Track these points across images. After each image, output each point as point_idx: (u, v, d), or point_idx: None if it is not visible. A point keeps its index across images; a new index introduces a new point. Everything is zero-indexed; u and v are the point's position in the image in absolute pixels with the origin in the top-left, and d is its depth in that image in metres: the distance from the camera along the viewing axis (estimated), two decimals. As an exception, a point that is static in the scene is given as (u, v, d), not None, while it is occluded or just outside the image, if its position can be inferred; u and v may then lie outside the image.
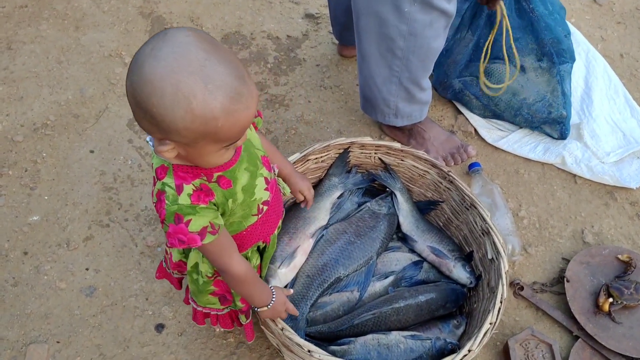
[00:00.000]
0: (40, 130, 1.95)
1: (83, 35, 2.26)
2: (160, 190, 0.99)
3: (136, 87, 0.84)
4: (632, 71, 2.41)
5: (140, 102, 0.85)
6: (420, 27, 1.61)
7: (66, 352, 1.53)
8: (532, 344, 1.59)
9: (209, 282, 1.23)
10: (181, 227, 0.97)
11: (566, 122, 2.02)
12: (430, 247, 1.63)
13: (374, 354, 1.41)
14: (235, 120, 0.87)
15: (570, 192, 2.00)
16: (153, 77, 0.82)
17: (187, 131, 0.86)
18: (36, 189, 1.82)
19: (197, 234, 0.98)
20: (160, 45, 0.83)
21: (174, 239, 0.98)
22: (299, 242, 1.53)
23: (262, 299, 1.21)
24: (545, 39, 1.94)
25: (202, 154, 0.93)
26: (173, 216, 0.97)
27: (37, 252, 1.69)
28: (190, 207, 0.97)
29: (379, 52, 1.72)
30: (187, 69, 0.82)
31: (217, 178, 1.03)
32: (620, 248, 1.82)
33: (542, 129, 2.07)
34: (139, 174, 1.88)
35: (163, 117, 0.84)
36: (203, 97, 0.83)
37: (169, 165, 0.99)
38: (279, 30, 2.40)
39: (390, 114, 1.90)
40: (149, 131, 0.91)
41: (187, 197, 0.98)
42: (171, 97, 0.82)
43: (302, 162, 1.62)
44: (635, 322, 1.66)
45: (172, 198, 0.97)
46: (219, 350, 1.56)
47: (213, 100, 0.83)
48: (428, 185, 1.74)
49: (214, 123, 0.85)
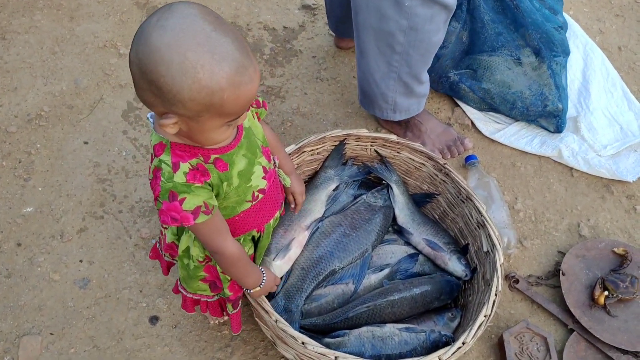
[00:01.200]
0: (34, 121, 1.94)
1: (77, 26, 2.24)
2: (157, 167, 0.99)
3: (142, 57, 0.85)
4: (630, 64, 2.40)
5: (146, 73, 0.85)
6: (421, 22, 1.60)
7: (60, 344, 1.52)
8: (527, 337, 1.59)
9: (200, 267, 1.23)
10: (175, 204, 0.97)
11: (562, 115, 2.01)
12: (426, 240, 1.63)
13: (369, 346, 1.40)
14: (240, 93, 0.89)
15: (566, 185, 1.99)
16: (160, 46, 0.83)
17: (193, 102, 0.86)
18: (30, 180, 1.81)
19: (190, 213, 0.98)
20: (166, 16, 0.85)
21: (166, 216, 0.99)
22: (294, 234, 1.52)
23: (253, 280, 1.22)
24: (533, 35, 1.95)
25: (204, 129, 0.94)
26: (167, 193, 0.97)
27: (30, 243, 1.68)
28: (185, 185, 0.98)
29: (377, 47, 1.70)
30: (195, 39, 0.84)
31: (213, 160, 1.03)
32: (616, 241, 1.82)
33: (538, 122, 2.07)
34: (134, 166, 1.87)
35: (170, 86, 0.84)
36: (210, 67, 0.84)
37: (167, 143, 0.99)
38: (275, 21, 2.38)
39: (388, 109, 1.90)
40: (151, 104, 0.91)
41: (183, 176, 0.98)
42: (178, 67, 0.83)
43: (298, 154, 1.61)
44: (630, 316, 1.66)
45: (168, 175, 0.97)
46: (213, 343, 1.55)
47: (220, 70, 0.85)
48: (424, 177, 1.73)
49: (220, 94, 0.86)
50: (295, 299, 1.47)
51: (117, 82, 2.08)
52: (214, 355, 1.54)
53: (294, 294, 1.48)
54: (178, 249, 1.22)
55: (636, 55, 2.44)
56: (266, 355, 1.55)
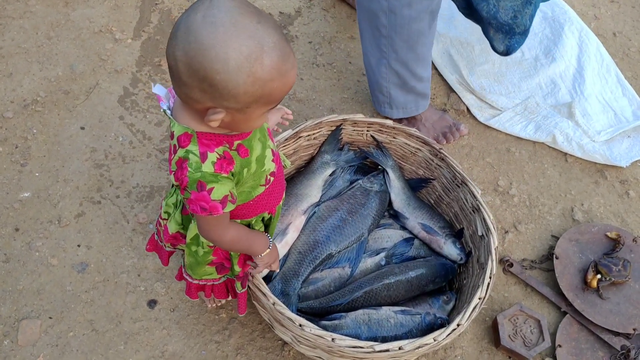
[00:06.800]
0: (31, 106, 1.94)
1: (73, 11, 2.23)
2: (183, 157, 0.98)
3: (194, 55, 0.85)
4: (624, 50, 2.41)
5: (199, 70, 0.85)
6: (399, 6, 1.61)
7: (59, 328, 1.54)
8: (520, 319, 1.61)
9: (209, 252, 1.23)
10: (204, 194, 0.98)
11: (520, 38, 1.83)
12: (421, 224, 1.64)
13: (365, 329, 1.42)
14: (286, 80, 0.91)
15: (560, 170, 2.01)
16: (214, 43, 0.83)
17: (246, 95, 0.88)
18: (27, 165, 1.81)
19: (219, 202, 1.00)
20: (212, 12, 0.85)
21: (196, 205, 0.99)
22: (291, 218, 1.54)
23: (261, 245, 1.23)
24: None
25: (249, 118, 0.95)
26: (196, 183, 0.98)
27: (28, 228, 1.69)
28: (213, 175, 0.98)
29: (370, 28, 1.72)
30: (245, 32, 0.85)
31: (237, 146, 1.03)
32: (609, 226, 1.84)
33: (492, 35, 1.86)
34: (130, 151, 1.88)
35: (226, 82, 0.86)
36: (262, 59, 0.86)
37: (192, 133, 0.99)
38: (271, 6, 2.37)
39: (385, 102, 1.90)
40: (196, 101, 0.91)
41: (211, 165, 0.98)
42: (235, 62, 0.84)
43: (294, 139, 1.62)
44: (622, 299, 1.68)
45: (196, 165, 0.98)
46: (211, 326, 1.57)
47: (270, 61, 0.86)
48: (419, 162, 1.74)
49: (270, 85, 0.88)
50: (292, 282, 1.49)
51: (112, 68, 2.08)
52: (212, 338, 1.55)
53: (291, 278, 1.50)
54: (185, 238, 1.23)
55: (631, 41, 2.45)
56: (263, 338, 1.56)
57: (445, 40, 2.29)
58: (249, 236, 1.19)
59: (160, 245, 1.36)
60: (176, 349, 1.53)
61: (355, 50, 2.27)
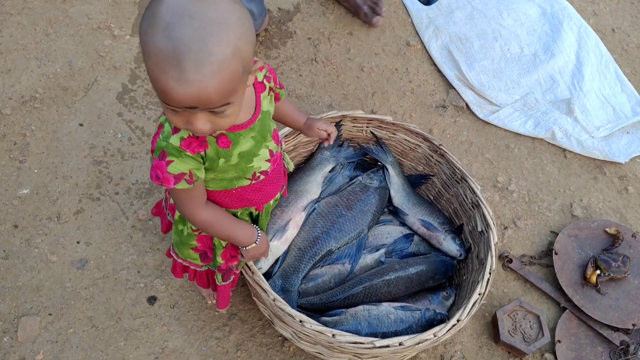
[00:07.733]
0: (29, 103, 1.93)
1: (71, 7, 2.22)
2: (162, 123, 1.02)
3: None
4: (623, 46, 2.41)
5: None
6: None
7: (58, 324, 1.53)
8: (520, 315, 1.61)
9: (193, 236, 1.24)
10: (162, 164, 1.00)
11: None
12: (421, 220, 1.64)
13: (365, 325, 1.43)
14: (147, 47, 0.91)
15: (559, 166, 2.01)
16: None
17: None
18: (25, 162, 1.80)
19: (172, 176, 1.01)
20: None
21: (153, 172, 1.02)
22: (291, 215, 1.54)
23: (246, 237, 1.22)
24: None
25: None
26: (160, 151, 1.01)
27: (27, 225, 1.69)
28: (177, 149, 1.00)
29: None
30: None
31: (218, 134, 1.04)
32: (608, 221, 1.84)
33: None
34: (129, 148, 1.87)
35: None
36: None
37: None
38: (270, 2, 2.37)
39: None
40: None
41: (178, 140, 1.00)
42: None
43: (294, 135, 1.61)
44: (621, 294, 1.69)
45: (166, 134, 1.00)
46: (211, 322, 1.57)
47: None
48: (419, 158, 1.74)
49: (143, 49, 0.89)
50: (292, 278, 1.49)
51: (111, 64, 2.07)
52: (212, 334, 1.55)
53: (291, 274, 1.50)
54: (175, 214, 1.24)
55: (629, 37, 2.45)
56: (263, 334, 1.56)
57: (445, 36, 2.29)
58: (230, 224, 1.19)
59: (165, 212, 1.37)
60: (176, 345, 1.53)
61: (355, 46, 2.27)
